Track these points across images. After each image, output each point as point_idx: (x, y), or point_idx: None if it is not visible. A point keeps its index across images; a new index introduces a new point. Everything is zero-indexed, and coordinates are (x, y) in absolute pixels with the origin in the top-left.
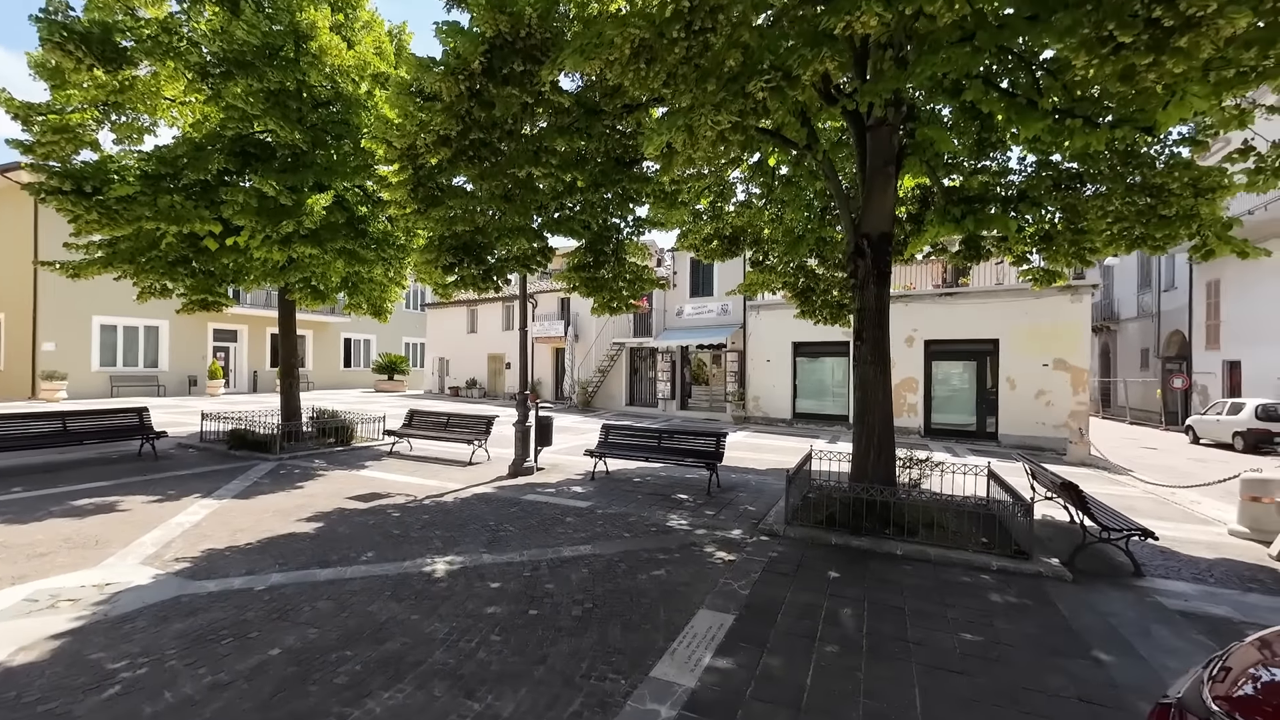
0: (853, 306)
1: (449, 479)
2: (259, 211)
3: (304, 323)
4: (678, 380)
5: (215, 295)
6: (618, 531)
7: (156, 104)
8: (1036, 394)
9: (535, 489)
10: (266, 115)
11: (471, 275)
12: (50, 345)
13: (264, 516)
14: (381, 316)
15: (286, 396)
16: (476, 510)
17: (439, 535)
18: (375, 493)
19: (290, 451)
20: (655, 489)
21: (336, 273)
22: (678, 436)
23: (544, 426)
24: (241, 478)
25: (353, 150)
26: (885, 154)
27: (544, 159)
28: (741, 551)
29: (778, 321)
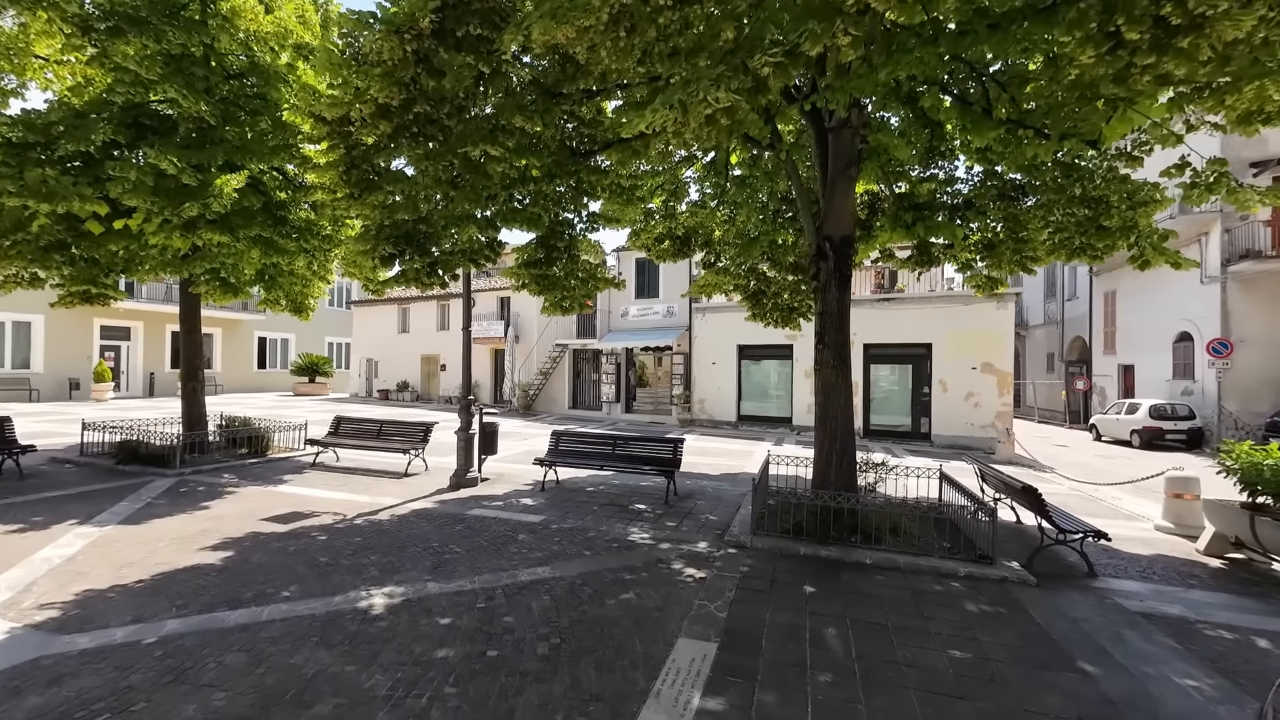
0: (814, 309)
1: (383, 494)
2: (156, 191)
3: (211, 319)
4: (623, 383)
5: (101, 287)
6: (577, 549)
7: (25, 62)
8: (966, 396)
9: (481, 502)
10: (166, 82)
11: (415, 269)
12: None
13: (158, 546)
14: (302, 314)
15: (189, 402)
16: (417, 529)
17: (375, 561)
18: (297, 511)
19: (194, 465)
20: (611, 499)
21: (251, 264)
22: (633, 443)
23: (489, 434)
24: (132, 498)
25: (271, 128)
26: (847, 156)
27: (500, 138)
28: (711, 567)
29: (723, 324)
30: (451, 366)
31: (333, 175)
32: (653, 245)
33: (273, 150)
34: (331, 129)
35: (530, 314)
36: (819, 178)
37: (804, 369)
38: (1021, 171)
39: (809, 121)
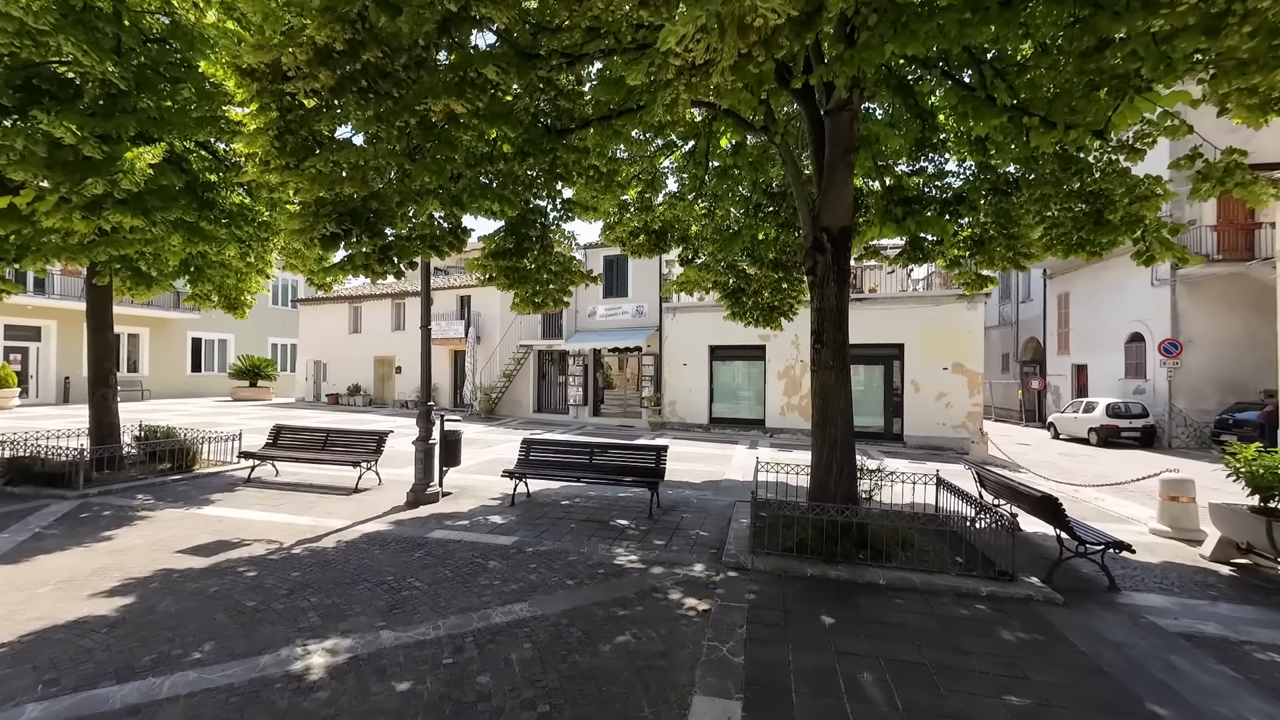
0: (811, 305)
1: (329, 514)
2: (50, 164)
3: (138, 318)
4: (590, 385)
5: None
6: (558, 578)
7: None
8: (938, 396)
9: (444, 522)
10: (61, 34)
11: (364, 254)
12: None
13: (37, 594)
14: (238, 311)
15: (99, 410)
16: (368, 559)
17: (315, 604)
18: (223, 540)
19: (102, 484)
20: (589, 514)
21: (173, 253)
22: (612, 452)
23: (451, 444)
24: (16, 528)
25: (195, 96)
26: (846, 140)
27: (470, 94)
28: (713, 596)
29: (695, 324)
30: (407, 369)
31: (264, 142)
32: (627, 239)
33: (197, 122)
34: (261, 85)
35: (492, 313)
36: (813, 166)
37: (776, 370)
38: (1018, 164)
39: (802, 105)
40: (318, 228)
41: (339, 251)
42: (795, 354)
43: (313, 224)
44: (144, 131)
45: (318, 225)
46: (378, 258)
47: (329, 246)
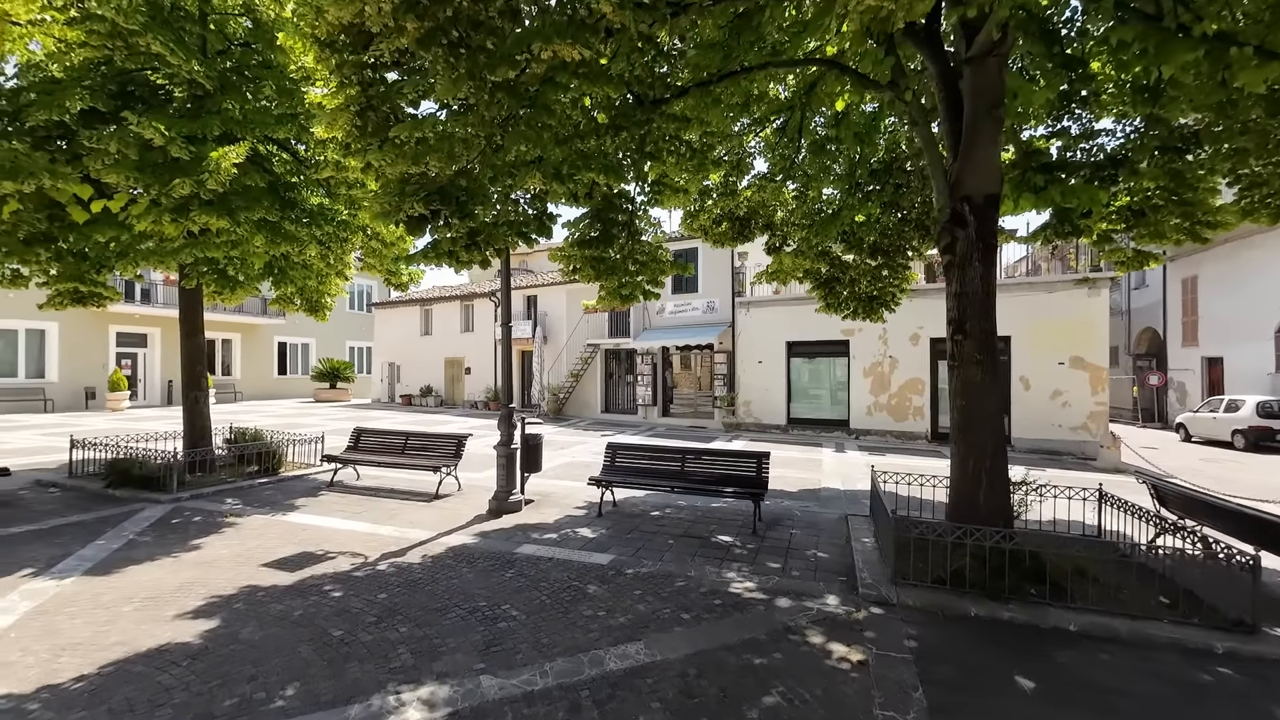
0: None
1: (412, 523)
2: (140, 167)
3: (230, 324)
4: (659, 385)
5: (91, 285)
6: (669, 610)
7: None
8: (1052, 394)
9: (531, 535)
10: (149, 34)
11: (450, 240)
12: None
13: (121, 613)
14: (319, 314)
15: (191, 414)
16: (457, 579)
17: (406, 636)
18: (307, 552)
19: (194, 488)
20: (685, 528)
21: (257, 256)
22: (706, 458)
23: (533, 448)
24: (112, 534)
25: (274, 95)
26: (992, 92)
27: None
28: (862, 639)
29: (770, 319)
30: (476, 369)
31: (345, 121)
32: (710, 228)
33: (277, 120)
34: (341, 57)
35: (558, 313)
36: (945, 128)
37: (861, 367)
38: (1202, 113)
39: (930, 57)
40: (404, 207)
41: (424, 237)
42: (883, 349)
43: (398, 204)
44: (228, 132)
45: (404, 205)
46: (464, 244)
47: (415, 230)
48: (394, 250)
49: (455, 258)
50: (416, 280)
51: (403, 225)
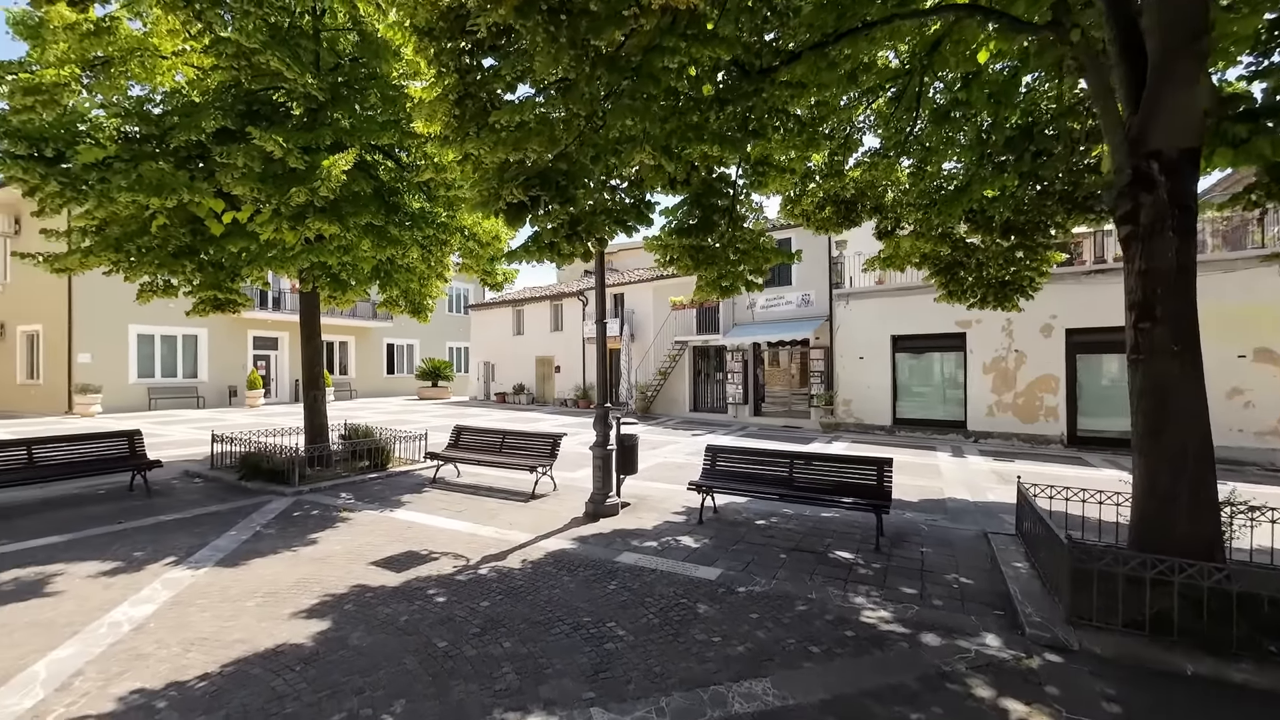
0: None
1: (510, 524)
2: (263, 178)
3: (346, 328)
4: (750, 383)
5: (227, 292)
6: (794, 640)
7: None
8: (1230, 393)
9: (630, 541)
10: (269, 51)
11: (552, 231)
12: (86, 357)
13: (245, 607)
14: (421, 315)
15: (311, 412)
16: (558, 589)
17: (509, 653)
18: (412, 551)
19: (312, 481)
20: (795, 540)
21: (365, 260)
22: (817, 464)
23: (628, 449)
24: (242, 525)
25: (379, 103)
26: (1191, 21)
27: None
28: (1044, 697)
29: (873, 312)
30: (566, 368)
31: (444, 111)
32: (813, 213)
33: (381, 127)
34: (439, 45)
35: (645, 310)
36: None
37: (981, 362)
38: None
39: None
40: (504, 194)
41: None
42: (1007, 343)
43: (496, 191)
44: (338, 141)
45: (503, 191)
46: (565, 234)
47: (514, 219)
48: (490, 250)
49: (556, 250)
50: (511, 279)
51: (501, 216)
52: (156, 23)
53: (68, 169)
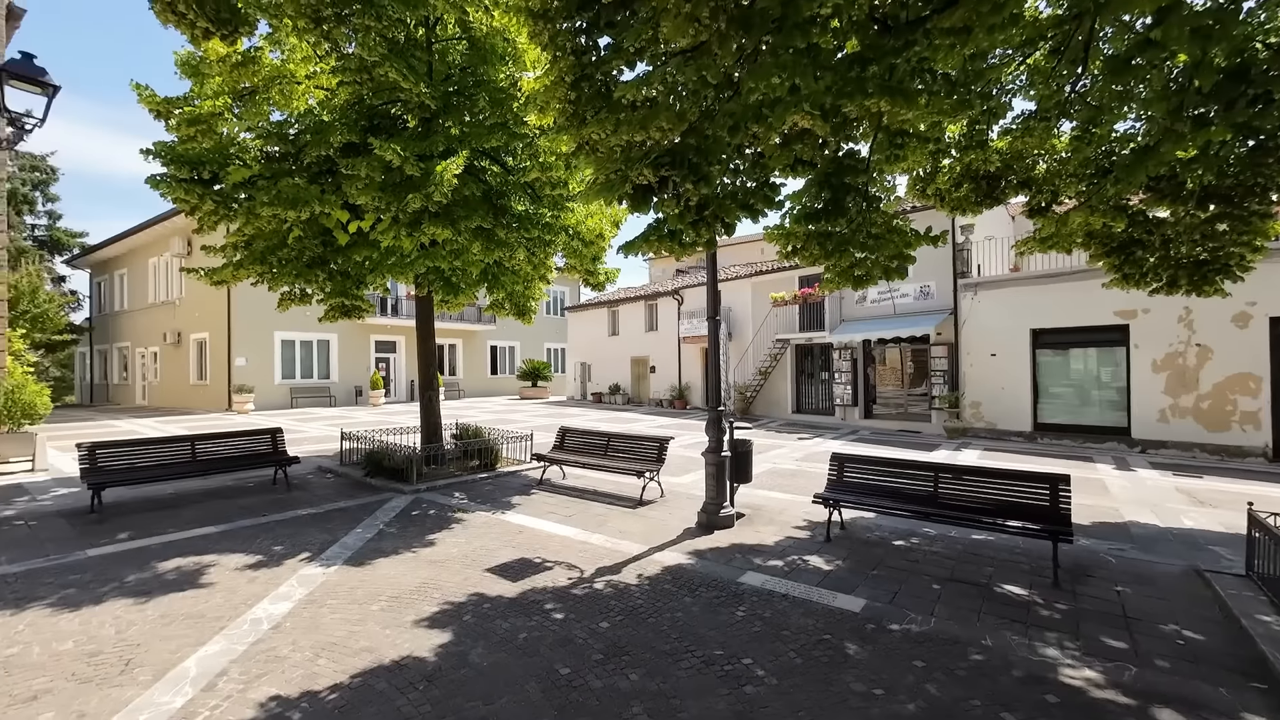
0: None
1: (620, 532)
2: (383, 186)
3: (454, 331)
4: (860, 383)
5: (352, 299)
6: (977, 699)
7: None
8: None
9: (752, 559)
10: (387, 63)
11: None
12: (242, 360)
13: (370, 611)
14: (525, 317)
15: (426, 412)
16: (682, 612)
17: (637, 689)
18: (526, 559)
19: (429, 479)
20: (948, 567)
21: (475, 264)
22: (970, 479)
23: (742, 456)
24: (367, 523)
25: (487, 107)
26: None
27: None
28: None
29: (1007, 303)
30: (660, 368)
31: (559, 95)
32: (948, 192)
33: (489, 130)
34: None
35: (744, 308)
36: None
37: (1151, 359)
38: None
39: None
40: (632, 176)
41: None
42: (1186, 335)
43: (624, 175)
44: (449, 147)
45: (632, 174)
46: (692, 219)
47: (640, 204)
48: (592, 250)
49: (677, 239)
50: (612, 279)
51: (626, 201)
52: (293, 50)
53: (220, 189)
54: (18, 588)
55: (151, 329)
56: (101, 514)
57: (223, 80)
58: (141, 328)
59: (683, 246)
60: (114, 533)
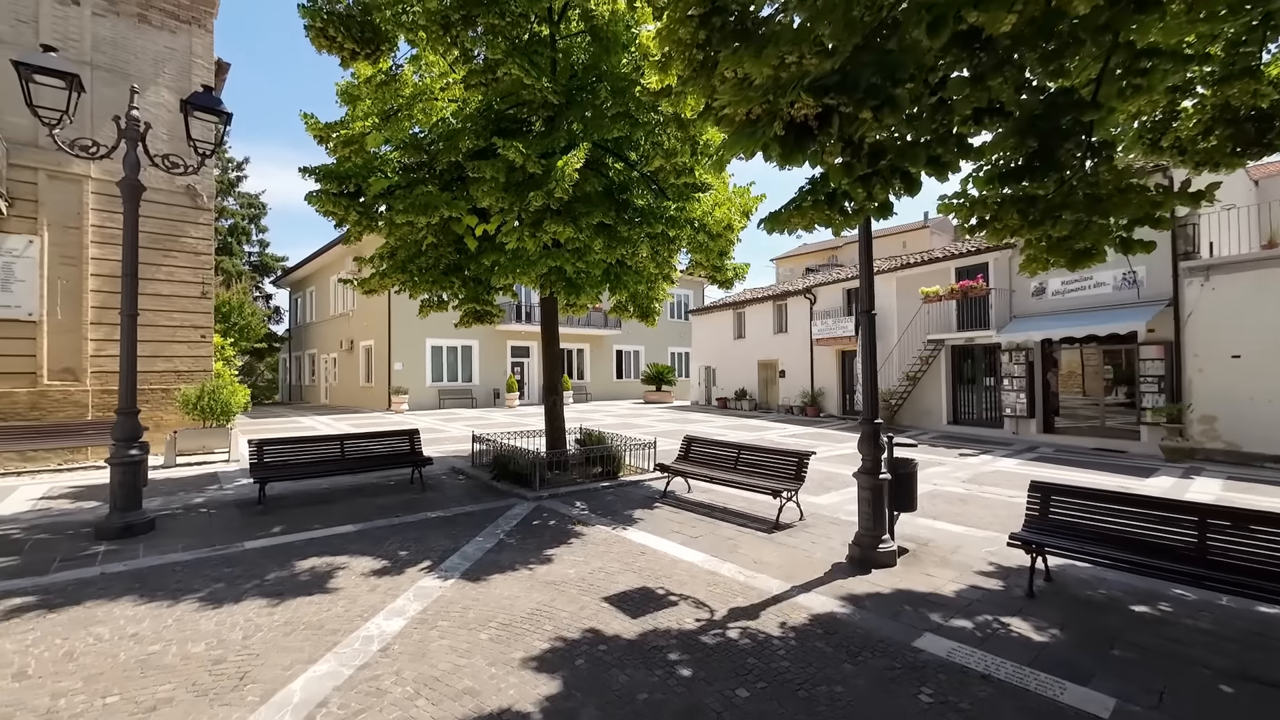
0: None
1: (755, 563)
2: (506, 187)
3: (581, 336)
4: (1038, 390)
5: (483, 304)
6: None
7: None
8: None
9: (927, 615)
10: (509, 60)
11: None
12: (399, 365)
13: (479, 641)
14: (649, 319)
15: (550, 416)
16: (843, 688)
17: None
18: (647, 589)
19: (552, 486)
20: (1231, 655)
21: (597, 265)
22: (1259, 530)
23: (904, 479)
24: (488, 531)
25: (608, 96)
26: None
27: None
28: None
29: (1260, 290)
30: (791, 372)
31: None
32: (1190, 143)
33: (612, 120)
34: None
35: (886, 306)
36: None
37: None
38: None
39: None
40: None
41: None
42: None
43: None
44: (571, 142)
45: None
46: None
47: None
48: (720, 245)
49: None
50: (741, 276)
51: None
52: (431, 66)
53: (364, 200)
54: (181, 577)
55: (331, 337)
56: (265, 506)
57: (372, 102)
58: (324, 336)
59: (845, 217)
60: (270, 526)
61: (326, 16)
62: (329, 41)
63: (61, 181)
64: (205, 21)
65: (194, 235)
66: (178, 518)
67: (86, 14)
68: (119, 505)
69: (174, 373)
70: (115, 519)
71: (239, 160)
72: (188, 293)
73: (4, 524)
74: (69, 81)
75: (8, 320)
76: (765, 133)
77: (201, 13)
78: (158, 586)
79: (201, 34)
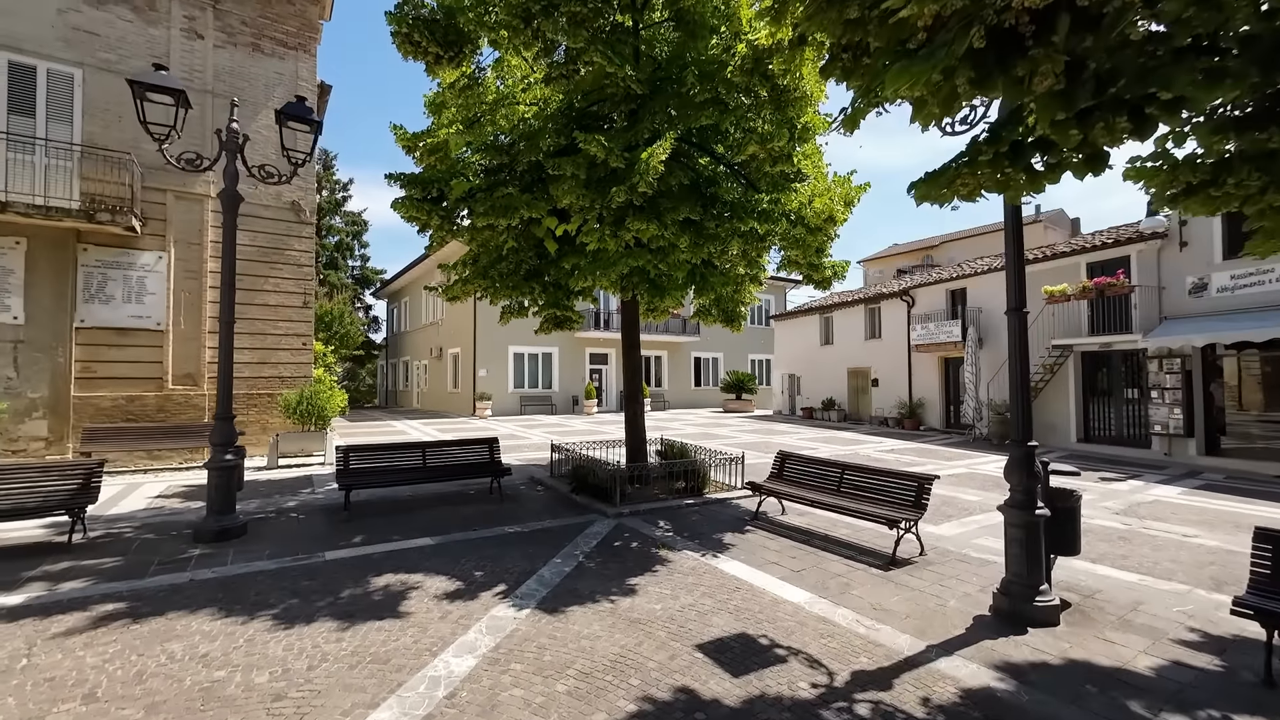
0: None
1: (875, 609)
2: (587, 184)
3: (659, 343)
4: (1197, 405)
5: (563, 309)
6: None
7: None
8: None
9: (1119, 698)
10: (591, 49)
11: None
12: (483, 371)
13: (554, 694)
14: (734, 324)
15: (631, 426)
16: None
17: None
18: (748, 636)
19: (632, 501)
20: None
21: (681, 268)
22: None
23: (1065, 515)
24: (566, 552)
25: (695, 81)
26: None
27: None
28: None
29: None
30: (884, 380)
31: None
32: None
33: (699, 107)
34: None
35: (997, 309)
36: None
37: None
38: None
39: None
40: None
41: (997, 97)
42: None
43: (964, 17)
44: (655, 134)
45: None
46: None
47: (991, 71)
48: (817, 240)
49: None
50: (841, 274)
51: (968, 75)
52: (512, 70)
53: (445, 205)
54: (261, 589)
55: (423, 345)
56: (350, 513)
57: (456, 110)
58: (416, 344)
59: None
60: (352, 535)
61: (412, 22)
62: (414, 47)
63: (186, 201)
64: (310, 47)
65: (297, 249)
66: (269, 522)
67: (209, 46)
68: (215, 509)
69: (279, 378)
70: (211, 522)
71: (344, 181)
72: (291, 303)
73: (120, 522)
74: (177, 98)
75: (140, 330)
76: (953, 50)
77: (306, 39)
78: (237, 599)
79: (306, 59)
